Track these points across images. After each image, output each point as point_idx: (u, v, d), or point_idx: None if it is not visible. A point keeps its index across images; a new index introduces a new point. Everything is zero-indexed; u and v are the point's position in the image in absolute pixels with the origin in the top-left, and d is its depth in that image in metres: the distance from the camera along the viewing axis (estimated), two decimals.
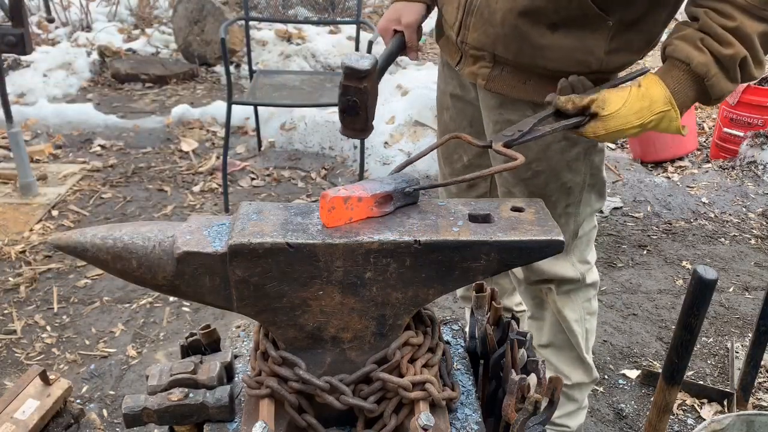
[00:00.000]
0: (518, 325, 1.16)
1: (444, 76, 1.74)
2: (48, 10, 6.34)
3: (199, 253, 0.92)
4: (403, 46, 1.66)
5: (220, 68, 5.89)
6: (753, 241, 3.35)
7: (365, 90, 1.32)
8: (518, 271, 1.74)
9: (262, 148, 4.29)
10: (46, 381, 1.96)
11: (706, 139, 4.58)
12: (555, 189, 1.56)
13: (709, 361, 2.50)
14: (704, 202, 3.70)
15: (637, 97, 1.20)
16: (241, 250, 0.90)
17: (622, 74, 1.42)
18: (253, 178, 3.93)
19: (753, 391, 2.16)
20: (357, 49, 4.10)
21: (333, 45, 6.01)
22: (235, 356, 1.21)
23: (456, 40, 1.50)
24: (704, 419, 2.16)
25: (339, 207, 0.94)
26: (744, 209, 3.66)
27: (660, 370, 1.63)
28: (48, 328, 2.61)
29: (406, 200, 1.01)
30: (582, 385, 1.87)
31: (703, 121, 4.90)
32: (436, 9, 1.66)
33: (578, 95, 1.22)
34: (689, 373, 2.41)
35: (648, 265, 3.13)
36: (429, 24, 7.51)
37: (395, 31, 1.66)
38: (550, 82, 1.37)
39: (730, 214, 3.60)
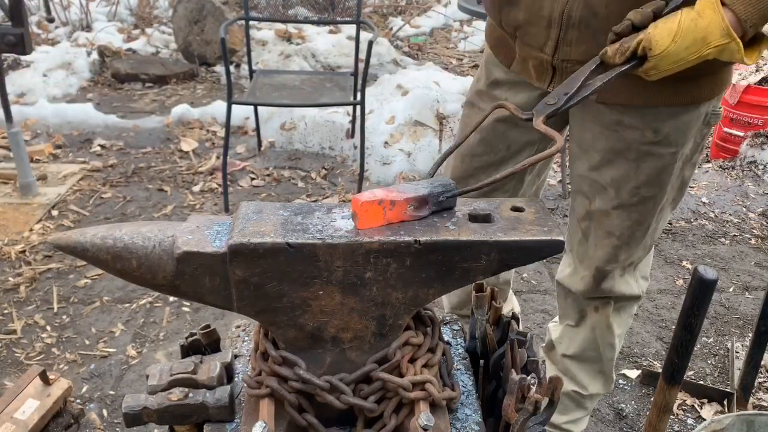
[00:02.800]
0: (518, 325, 1.17)
1: (487, 98, 1.57)
2: (48, 10, 6.34)
3: (199, 253, 0.92)
4: None
5: (220, 68, 5.89)
6: (753, 241, 3.35)
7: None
8: (578, 284, 1.64)
9: (262, 148, 4.29)
10: (46, 381, 1.96)
11: None
12: (656, 212, 1.49)
13: (709, 361, 2.50)
14: (704, 202, 3.70)
15: (689, 29, 1.05)
16: (241, 250, 0.90)
17: None
18: (253, 178, 3.94)
19: (753, 391, 2.16)
20: (357, 48, 4.10)
21: (333, 45, 6.01)
22: (235, 356, 1.21)
23: (551, 60, 1.35)
24: (704, 419, 2.16)
25: (372, 211, 0.91)
26: (744, 209, 3.66)
27: (660, 370, 1.62)
28: (48, 328, 2.61)
29: (443, 205, 0.98)
30: (597, 396, 1.85)
31: None
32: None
33: (626, 39, 1.10)
34: (689, 373, 2.41)
35: None
36: (428, 23, 7.52)
37: None
38: (672, 79, 1.19)
39: (730, 214, 3.60)
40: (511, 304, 2.10)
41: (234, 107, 3.39)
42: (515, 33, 1.40)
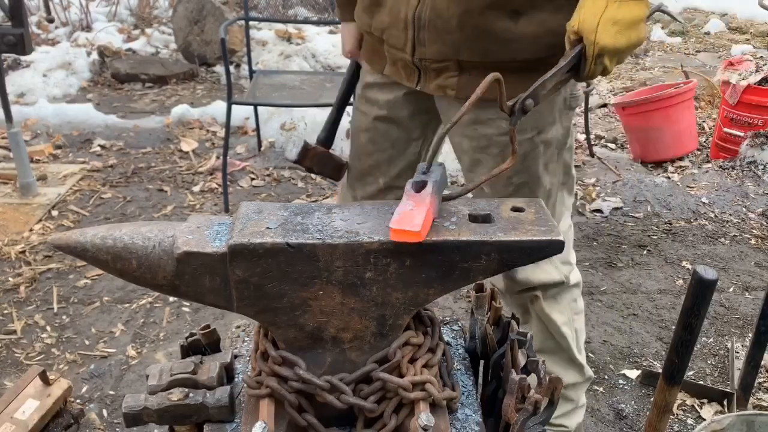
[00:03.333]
0: (518, 325, 1.17)
1: (364, 101, 1.70)
2: (48, 10, 6.34)
3: (199, 253, 0.92)
4: (358, 67, 1.77)
5: (220, 68, 5.89)
6: (753, 241, 3.35)
7: (311, 165, 1.80)
8: (499, 282, 1.70)
9: (262, 148, 4.29)
10: (46, 381, 1.96)
11: (706, 139, 4.57)
12: (538, 197, 1.55)
13: (709, 361, 2.50)
14: (704, 202, 3.70)
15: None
16: (241, 250, 0.90)
17: None
18: (253, 178, 3.94)
19: (753, 391, 2.16)
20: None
21: (333, 45, 6.01)
22: (235, 356, 1.21)
23: (412, 60, 1.45)
24: (704, 419, 2.16)
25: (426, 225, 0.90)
26: (744, 209, 3.66)
27: (660, 370, 1.63)
28: (48, 328, 2.61)
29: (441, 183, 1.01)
30: (576, 385, 1.86)
31: (703, 121, 4.90)
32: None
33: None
34: (689, 373, 2.41)
35: (648, 265, 3.13)
36: None
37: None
38: (523, 74, 1.31)
39: (730, 214, 3.60)
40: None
41: (234, 107, 3.39)
42: (382, 36, 1.49)
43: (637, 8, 1.19)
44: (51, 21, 6.29)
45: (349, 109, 1.87)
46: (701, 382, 2.34)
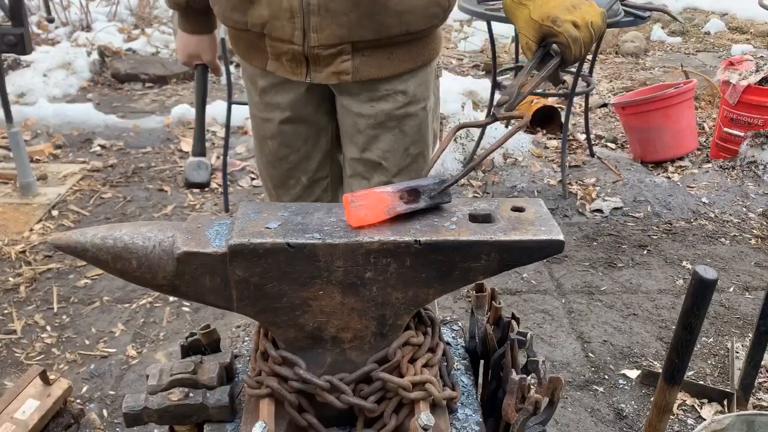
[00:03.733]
0: (518, 325, 1.17)
1: (263, 107, 1.62)
2: (48, 10, 6.34)
3: (199, 253, 0.92)
4: (207, 73, 1.82)
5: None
6: (753, 241, 3.35)
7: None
8: None
9: None
10: (46, 381, 1.96)
11: (707, 139, 4.57)
12: (423, 165, 1.61)
13: (709, 361, 2.51)
14: (704, 202, 3.70)
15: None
16: (241, 250, 0.90)
17: None
18: (253, 178, 3.93)
19: (753, 391, 2.16)
20: None
21: None
22: (235, 356, 1.21)
23: (302, 51, 1.41)
24: (704, 419, 2.16)
25: (367, 206, 0.92)
26: (744, 209, 3.66)
27: (660, 370, 1.63)
28: (48, 328, 2.61)
29: (437, 199, 0.98)
30: None
31: (704, 121, 4.90)
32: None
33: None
34: (689, 373, 2.41)
35: (648, 265, 3.13)
36: None
37: (197, 64, 1.79)
38: (410, 46, 1.43)
39: (730, 214, 3.60)
40: None
41: (234, 107, 3.39)
42: (263, 31, 1.42)
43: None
44: (51, 21, 6.29)
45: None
46: (701, 382, 2.34)
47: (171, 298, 2.74)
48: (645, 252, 3.23)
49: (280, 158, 1.66)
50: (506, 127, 4.39)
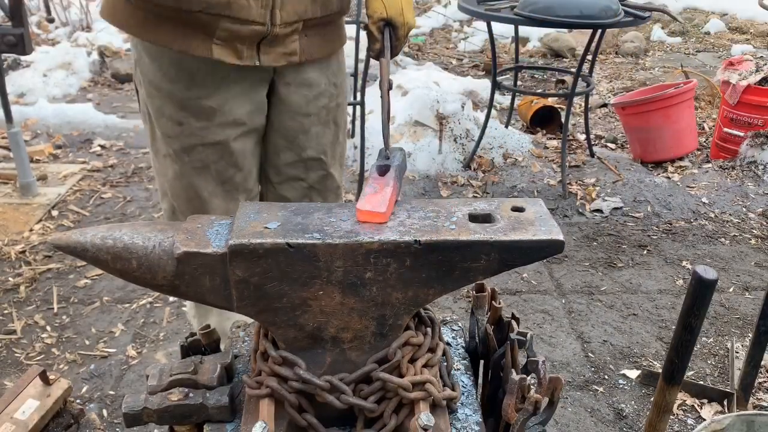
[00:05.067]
0: (518, 325, 1.17)
1: (214, 128, 1.47)
2: (48, 10, 6.34)
3: (199, 253, 0.92)
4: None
5: None
6: (753, 241, 3.35)
7: None
8: None
9: None
10: (46, 381, 1.96)
11: (706, 139, 4.58)
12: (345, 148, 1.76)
13: (709, 361, 2.50)
14: (704, 202, 3.70)
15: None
16: (241, 250, 0.90)
17: None
18: None
19: (753, 391, 2.16)
20: (357, 48, 4.09)
21: None
22: (235, 356, 1.21)
23: (265, 31, 1.37)
24: (704, 419, 2.16)
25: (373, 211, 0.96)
26: (744, 209, 3.66)
27: (660, 370, 1.63)
28: (48, 328, 2.61)
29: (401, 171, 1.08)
30: None
31: (704, 121, 4.90)
32: None
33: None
34: (689, 373, 2.41)
35: (648, 265, 3.13)
36: (428, 23, 7.56)
37: None
38: (335, 27, 1.55)
39: (730, 214, 3.60)
40: None
41: None
42: (222, 12, 1.33)
43: None
44: (51, 21, 6.29)
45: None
46: (701, 382, 2.34)
47: (171, 298, 2.74)
48: (645, 252, 3.23)
49: (223, 181, 1.54)
50: (506, 127, 4.39)
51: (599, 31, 3.53)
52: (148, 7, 1.36)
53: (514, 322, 1.16)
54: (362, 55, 3.45)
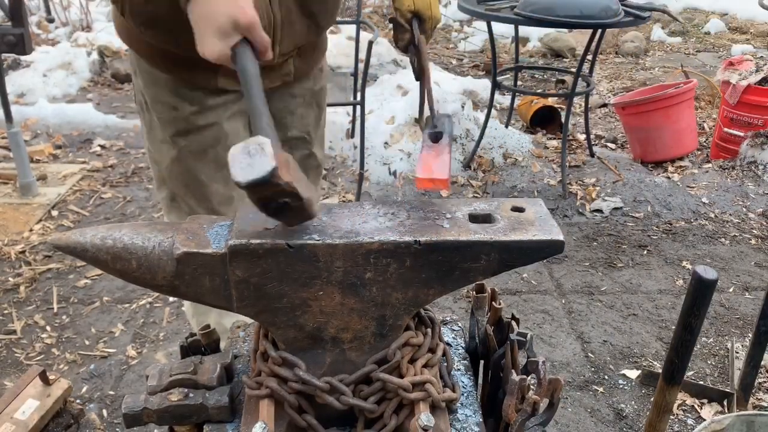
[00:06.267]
0: (518, 326, 1.16)
1: (206, 112, 1.49)
2: (48, 10, 6.34)
3: (199, 253, 0.92)
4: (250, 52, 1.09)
5: None
6: (753, 241, 3.35)
7: (285, 185, 0.83)
8: None
9: None
10: (46, 381, 1.96)
11: (707, 139, 4.58)
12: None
13: (709, 361, 2.50)
14: (704, 202, 3.70)
15: None
16: (241, 250, 0.90)
17: None
18: None
19: (753, 391, 2.16)
20: (357, 48, 4.09)
21: (333, 45, 5.97)
22: (235, 356, 1.21)
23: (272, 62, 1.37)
24: (704, 419, 2.16)
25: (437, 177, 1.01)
26: (744, 209, 3.66)
27: (660, 370, 1.62)
28: (48, 328, 2.61)
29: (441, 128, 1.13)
30: None
31: (704, 121, 4.90)
32: None
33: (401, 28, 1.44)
34: (689, 373, 2.41)
35: (648, 265, 3.13)
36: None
37: (235, 46, 1.08)
38: (322, 40, 1.62)
39: (730, 214, 3.60)
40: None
41: None
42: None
43: None
44: (51, 21, 6.29)
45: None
46: (701, 382, 2.34)
47: (171, 298, 2.74)
48: (645, 252, 3.23)
49: (222, 166, 1.51)
50: (506, 127, 4.39)
51: (599, 31, 3.53)
52: (162, 47, 1.43)
53: (514, 323, 1.16)
54: (362, 55, 3.45)
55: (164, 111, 1.51)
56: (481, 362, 1.25)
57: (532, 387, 1.02)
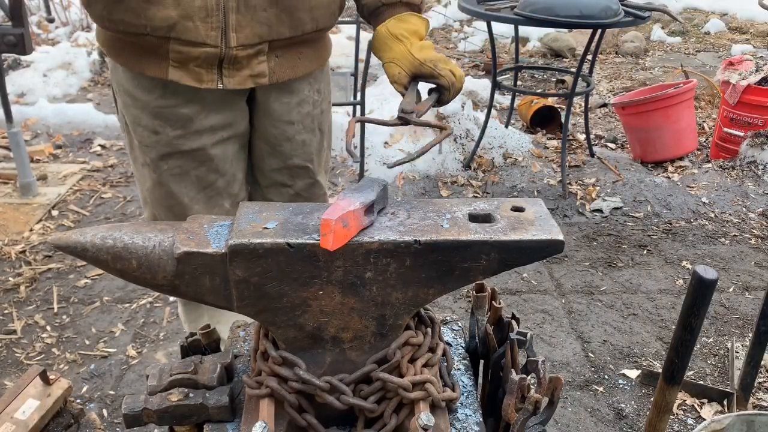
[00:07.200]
0: (518, 325, 1.17)
1: (190, 135, 1.45)
2: (48, 10, 6.34)
3: (199, 253, 0.92)
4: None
5: None
6: (753, 241, 3.35)
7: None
8: None
9: None
10: (46, 381, 1.96)
11: (706, 139, 4.57)
12: (330, 156, 1.75)
13: (709, 361, 2.50)
14: (704, 202, 3.70)
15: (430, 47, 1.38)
16: (241, 250, 0.90)
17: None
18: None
19: (753, 391, 2.16)
20: (357, 48, 4.09)
21: (333, 45, 5.99)
22: (235, 356, 1.21)
23: (218, 53, 1.32)
24: (704, 419, 2.16)
25: (338, 230, 0.88)
26: (744, 209, 3.66)
27: (660, 370, 1.63)
28: (48, 328, 2.61)
29: (382, 204, 0.98)
30: None
31: (703, 121, 4.90)
32: None
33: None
34: (689, 373, 2.41)
35: (648, 265, 3.13)
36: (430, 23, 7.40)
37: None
38: (314, 45, 1.48)
39: (730, 214, 3.60)
40: None
41: None
42: (168, 34, 1.29)
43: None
44: (51, 21, 6.29)
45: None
46: (701, 382, 2.34)
47: (171, 298, 2.74)
48: (645, 252, 3.23)
49: (204, 187, 1.52)
50: (506, 127, 4.39)
51: (599, 31, 3.53)
52: (110, 28, 1.37)
53: (514, 322, 1.16)
54: (362, 55, 3.45)
55: (145, 135, 1.46)
56: (481, 362, 1.25)
57: (532, 386, 1.02)
